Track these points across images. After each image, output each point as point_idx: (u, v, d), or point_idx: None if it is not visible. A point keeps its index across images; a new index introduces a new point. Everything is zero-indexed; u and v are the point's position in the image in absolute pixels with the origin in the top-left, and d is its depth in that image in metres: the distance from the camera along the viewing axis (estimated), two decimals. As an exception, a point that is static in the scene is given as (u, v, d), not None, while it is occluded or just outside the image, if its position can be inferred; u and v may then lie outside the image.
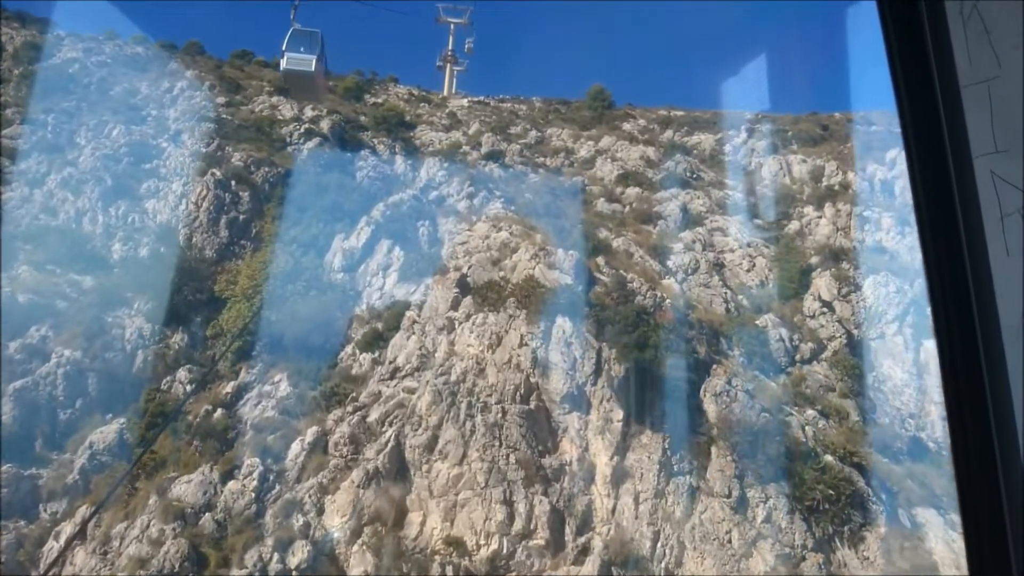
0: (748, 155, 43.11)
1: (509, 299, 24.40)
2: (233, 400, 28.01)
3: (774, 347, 27.87)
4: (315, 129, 42.94)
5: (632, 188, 38.17)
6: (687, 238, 33.11)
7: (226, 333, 30.00)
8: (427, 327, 26.09)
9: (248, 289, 30.70)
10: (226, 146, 39.85)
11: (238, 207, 36.16)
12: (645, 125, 48.78)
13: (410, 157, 42.17)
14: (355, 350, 28.57)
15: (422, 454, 22.19)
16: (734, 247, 33.10)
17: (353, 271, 31.97)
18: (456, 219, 32.41)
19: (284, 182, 38.08)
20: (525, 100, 57.70)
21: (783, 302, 30.34)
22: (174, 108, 44.47)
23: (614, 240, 31.37)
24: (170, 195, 36.87)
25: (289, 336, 29.27)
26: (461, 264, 29.33)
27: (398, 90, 58.64)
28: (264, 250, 32.78)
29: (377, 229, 32.81)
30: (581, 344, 22.76)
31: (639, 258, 30.34)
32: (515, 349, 23.09)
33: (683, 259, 31.05)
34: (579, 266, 25.48)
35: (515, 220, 30.74)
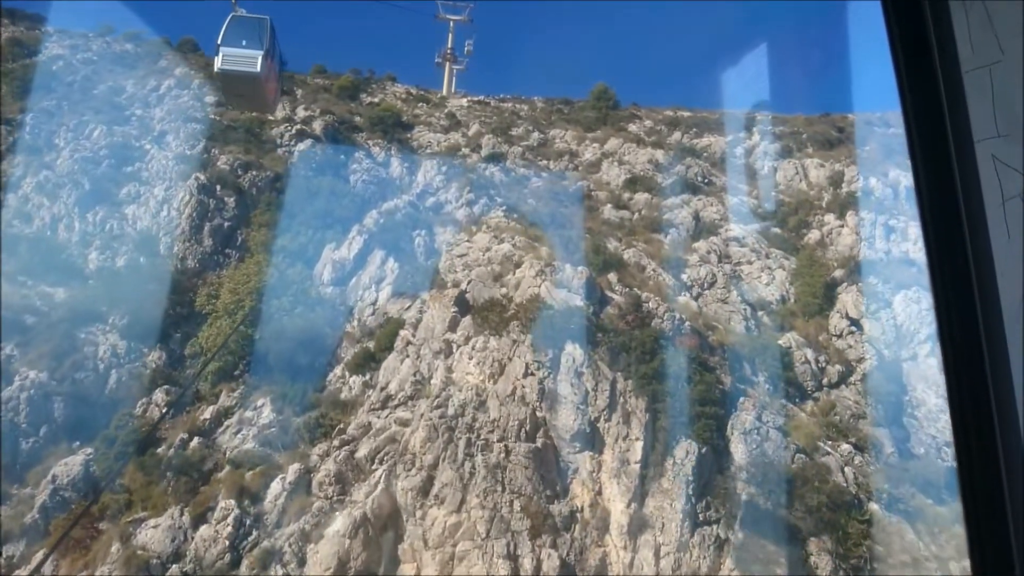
0: (761, 158, 40.21)
1: (512, 321, 21.54)
2: (212, 426, 25.17)
3: (799, 370, 25.05)
4: (307, 130, 39.96)
5: (641, 193, 35.29)
6: (701, 248, 30.25)
7: (206, 352, 27.11)
8: (422, 350, 23.23)
9: (230, 304, 27.80)
10: (212, 148, 36.90)
11: (223, 214, 33.23)
12: (652, 126, 45.85)
13: (406, 160, 39.23)
14: (345, 372, 25.71)
15: (416, 498, 19.34)
16: (751, 258, 30.24)
17: (343, 284, 29.09)
18: (454, 228, 29.53)
19: (272, 186, 35.15)
20: (526, 100, 54.73)
21: (807, 319, 27.50)
22: (160, 108, 41.48)
23: (624, 251, 28.52)
24: (151, 200, 33.95)
25: (274, 355, 26.41)
26: (460, 279, 26.47)
27: (396, 89, 55.64)
28: (249, 261, 29.87)
29: (370, 239, 29.91)
30: (593, 374, 19.91)
31: (652, 272, 27.48)
32: (519, 379, 20.25)
33: (699, 272, 28.19)
34: (589, 284, 22.62)
35: (518, 230, 27.85)
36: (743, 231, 32.28)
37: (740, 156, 40.96)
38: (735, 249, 30.76)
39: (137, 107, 41.45)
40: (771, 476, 18.14)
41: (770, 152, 40.26)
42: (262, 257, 30.48)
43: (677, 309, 24.15)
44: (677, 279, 27.98)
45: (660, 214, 33.38)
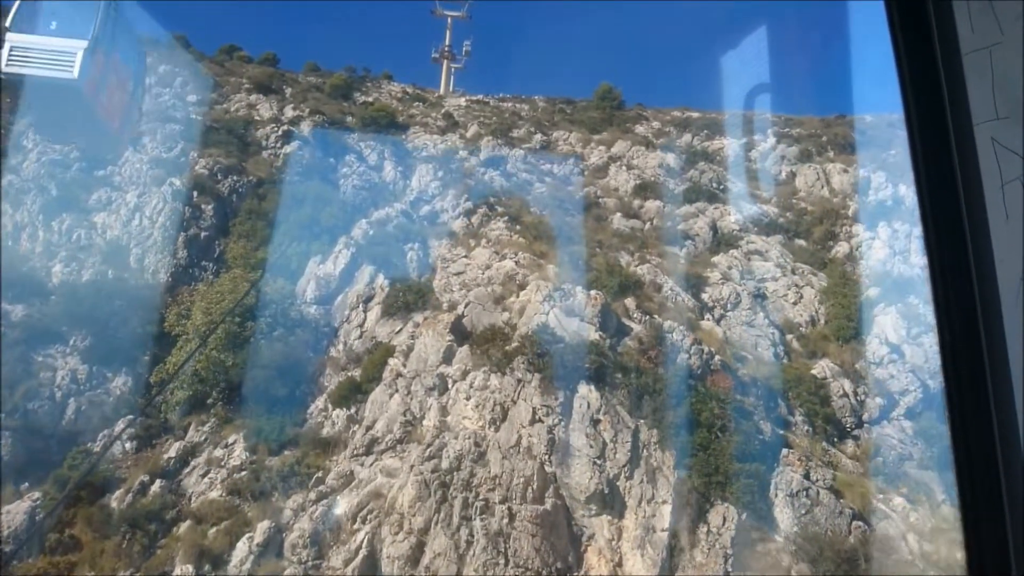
0: (777, 163, 36.79)
1: (517, 356, 18.11)
2: (177, 467, 21.73)
3: (837, 404, 21.71)
4: (294, 131, 36.45)
5: (652, 201, 31.87)
6: (721, 264, 26.84)
7: (174, 379, 23.66)
8: (413, 385, 19.82)
9: (202, 325, 24.33)
10: (191, 151, 33.36)
11: (199, 223, 29.76)
12: (660, 128, 42.37)
13: (400, 163, 35.74)
14: (327, 404, 22.29)
15: (403, 568, 15.95)
16: (776, 274, 26.85)
17: (328, 303, 25.64)
18: (451, 241, 26.08)
19: (255, 193, 31.68)
20: (527, 99, 51.21)
21: (841, 344, 24.12)
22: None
23: (638, 267, 25.10)
24: (123, 208, 30.44)
25: (250, 384, 23.01)
26: (456, 300, 23.05)
27: (391, 88, 52.09)
28: (224, 277, 26.36)
29: (358, 252, 26.46)
30: (612, 422, 16.51)
31: (670, 291, 24.07)
32: (525, 427, 16.85)
33: (721, 292, 24.78)
34: (605, 312, 19.19)
35: (521, 244, 24.43)
36: (765, 243, 28.88)
37: (755, 160, 37.53)
38: (758, 264, 27.36)
39: (114, 106, 37.83)
40: (826, 551, 14.75)
41: (788, 156, 36.84)
42: (239, 272, 27.01)
43: (702, 338, 20.76)
44: (697, 299, 24.59)
45: (674, 224, 29.98)
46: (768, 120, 42.68)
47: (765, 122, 42.17)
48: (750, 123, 41.88)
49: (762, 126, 41.39)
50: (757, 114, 44.14)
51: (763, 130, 40.33)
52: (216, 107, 39.18)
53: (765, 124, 41.69)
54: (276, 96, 41.70)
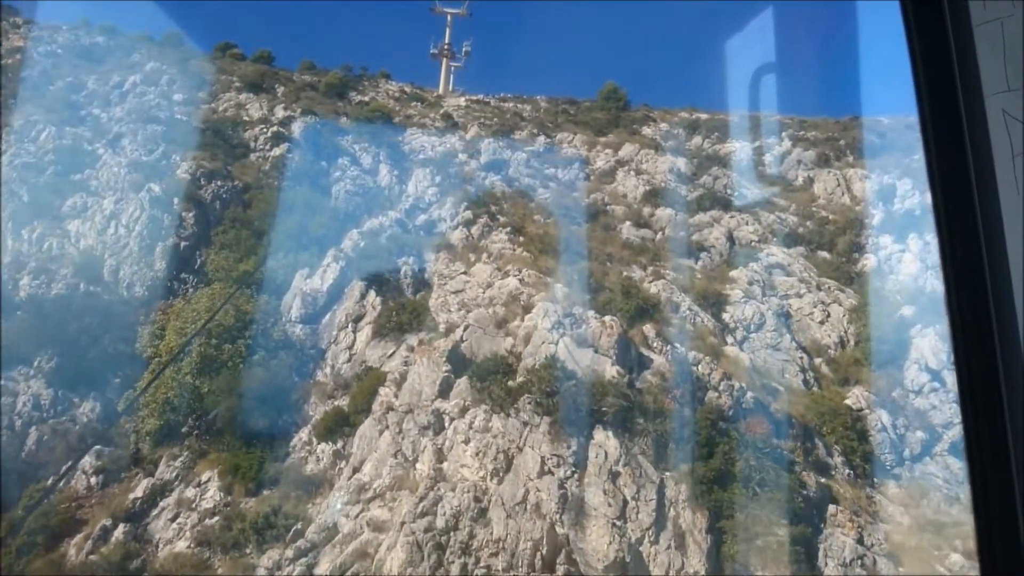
0: (794, 167, 34.19)
1: (523, 395, 15.52)
2: (144, 508, 19.17)
3: (876, 440, 19.19)
4: (284, 133, 33.82)
5: (663, 209, 29.27)
6: (741, 279, 24.26)
7: (142, 408, 21.06)
8: (406, 422, 17.24)
9: (175, 347, 21.72)
10: (173, 153, 30.71)
11: (179, 231, 27.12)
12: (668, 130, 39.74)
13: (396, 167, 33.12)
14: (312, 437, 19.73)
15: (391, 647, 13.43)
16: (800, 290, 24.27)
17: (315, 322, 23.04)
18: (449, 255, 23.45)
19: (240, 199, 29.03)
20: (529, 99, 48.58)
21: (874, 369, 21.57)
22: (121, 106, 35.26)
23: (652, 283, 22.54)
24: (99, 215, 27.79)
25: (227, 413, 20.42)
26: (454, 321, 20.46)
27: (389, 87, 49.46)
28: (201, 293, 23.74)
29: (348, 266, 23.85)
30: (634, 476, 13.93)
31: (688, 312, 21.50)
32: (533, 480, 14.28)
33: (743, 311, 22.21)
34: (622, 343, 16.60)
35: (525, 260, 21.83)
36: (786, 256, 26.30)
37: (770, 164, 34.92)
38: (780, 279, 24.79)
39: (95, 106, 35.22)
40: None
41: (804, 160, 34.23)
42: (217, 287, 24.38)
43: (731, 370, 18.19)
44: (718, 319, 22.03)
45: (688, 234, 27.38)
46: (780, 122, 40.10)
47: (777, 124, 39.58)
48: (762, 125, 39.28)
49: (775, 128, 38.79)
50: (768, 116, 41.55)
51: (776, 132, 37.73)
52: (203, 107, 36.53)
53: (778, 126, 39.09)
54: (267, 95, 39.05)
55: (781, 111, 42.12)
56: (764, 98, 48.28)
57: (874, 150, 33.13)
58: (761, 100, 43.69)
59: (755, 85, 47.53)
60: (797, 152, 34.77)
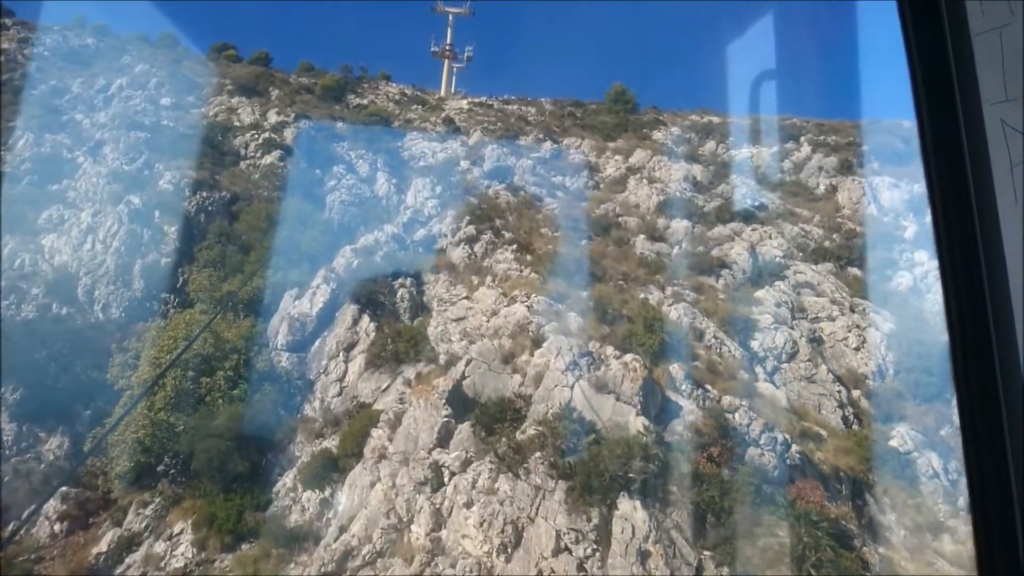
0: (815, 174, 31.71)
1: (534, 452, 13.10)
2: (108, 564, 16.83)
3: (927, 489, 16.76)
4: (276, 139, 31.37)
5: (679, 221, 26.80)
6: (768, 300, 21.81)
7: (111, 447, 18.68)
8: (400, 475, 14.84)
9: (149, 379, 19.33)
10: (157, 162, 28.30)
11: (160, 247, 24.72)
12: (680, 134, 37.23)
13: (395, 175, 30.69)
14: (297, 483, 17.34)
15: None
16: (832, 312, 21.82)
17: (303, 350, 20.63)
18: (449, 277, 21.01)
19: (226, 211, 26.61)
20: (533, 101, 46.11)
21: (919, 403, 19.12)
22: (105, 111, 32.85)
23: (672, 305, 20.12)
24: (75, 229, 25.40)
25: (204, 455, 18.01)
26: (456, 353, 18.05)
27: (389, 89, 47.03)
28: (178, 317, 21.32)
29: (339, 288, 21.43)
30: (666, 555, 11.52)
31: (714, 340, 19.08)
32: (547, 558, 11.87)
33: (773, 338, 19.77)
34: (647, 386, 14.15)
35: (533, 284, 19.38)
36: (814, 273, 23.83)
37: (789, 171, 32.42)
38: (809, 299, 22.33)
39: (78, 111, 32.80)
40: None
41: (826, 167, 31.73)
42: (198, 310, 22.01)
43: (765, 409, 15.76)
44: (745, 347, 19.59)
45: (707, 249, 24.92)
46: (795, 125, 37.62)
47: (793, 128, 37.09)
48: (778, 129, 36.74)
49: (791, 132, 36.28)
50: (783, 119, 39.05)
51: (793, 137, 35.22)
52: (193, 111, 34.13)
53: (794, 130, 36.60)
54: (260, 99, 36.62)
55: (796, 113, 39.67)
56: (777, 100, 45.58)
57: (900, 156, 30.59)
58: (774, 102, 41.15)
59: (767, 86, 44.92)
60: (817, 158, 32.28)
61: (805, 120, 38.81)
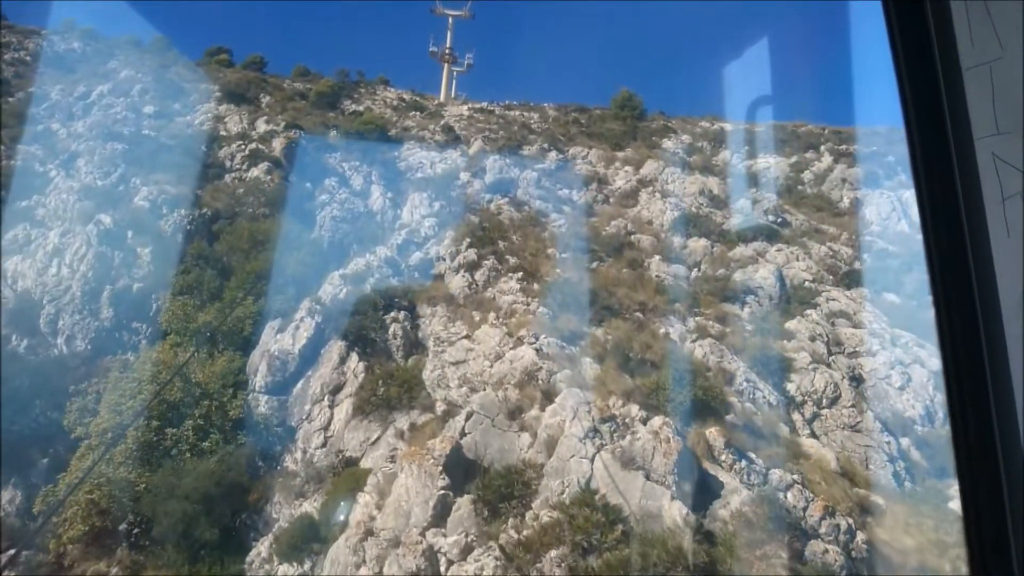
0: (838, 186, 29.07)
1: (549, 548, 10.49)
2: (55, 652, 14.30)
3: (998, 562, 14.10)
4: (264, 150, 28.69)
5: (697, 240, 24.20)
6: (801, 332, 19.20)
7: (65, 508, 16.07)
8: (388, 562, 12.23)
9: (108, 428, 16.71)
10: (133, 176, 25.65)
11: (132, 272, 22.08)
12: (691, 142, 34.57)
13: (391, 188, 28.06)
14: (272, 554, 14.76)
15: None
16: (872, 346, 19.21)
17: (284, 392, 18.00)
18: (448, 310, 18.36)
19: (207, 231, 23.97)
20: (536, 107, 43.42)
21: (978, 455, 16.47)
22: (84, 120, 30.16)
23: (696, 343, 17.53)
24: (41, 251, 22.77)
25: (168, 519, 15.42)
26: (454, 402, 15.45)
27: (387, 94, 44.33)
28: (144, 355, 18.70)
29: (325, 322, 18.80)
30: None
31: (746, 383, 16.47)
32: None
33: (813, 381, 17.15)
34: (683, 459, 11.56)
35: (543, 322, 16.77)
36: (848, 300, 21.22)
37: (810, 183, 29.78)
38: (846, 331, 19.72)
39: (55, 120, 30.11)
40: None
41: (849, 179, 29.09)
42: (168, 345, 19.39)
43: (814, 476, 13.17)
44: (781, 391, 16.97)
45: (729, 272, 22.31)
46: (814, 132, 34.95)
47: (811, 135, 34.43)
48: (795, 137, 34.08)
49: (809, 140, 33.62)
50: (797, 125, 36.41)
51: (813, 145, 32.57)
52: (177, 120, 31.44)
53: (812, 137, 33.95)
54: (250, 106, 33.95)
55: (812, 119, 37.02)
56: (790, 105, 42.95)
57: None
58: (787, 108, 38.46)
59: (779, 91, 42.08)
60: (840, 169, 29.64)
61: (821, 127, 36.18)
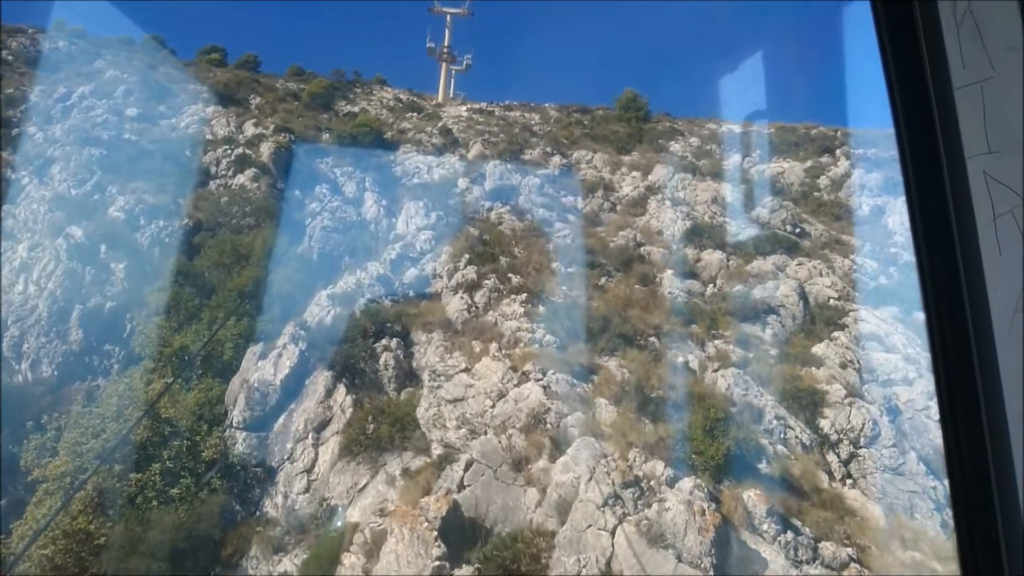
0: (857, 193, 27.11)
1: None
2: None
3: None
4: (251, 155, 26.65)
5: (711, 252, 22.23)
6: (830, 358, 17.26)
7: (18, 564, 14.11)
8: (374, 649, 10.30)
9: (71, 471, 14.74)
10: (109, 184, 23.62)
11: (103, 290, 20.09)
12: (699, 145, 32.57)
13: (385, 195, 26.06)
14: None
15: None
16: (907, 373, 17.27)
17: (264, 428, 16.03)
18: (444, 338, 16.38)
19: (186, 244, 21.97)
20: (537, 107, 41.39)
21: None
22: (63, 123, 28.07)
23: (718, 372, 15.60)
24: (7, 266, 20.76)
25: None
26: (452, 444, 13.51)
27: (383, 94, 42.27)
28: (112, 390, 16.69)
29: (310, 349, 16.82)
30: None
31: (776, 421, 14.54)
32: None
33: (849, 418, 15.22)
34: (721, 538, 9.64)
35: (550, 353, 14.79)
36: (878, 321, 19.27)
37: (826, 190, 27.80)
38: (878, 356, 17.77)
39: (33, 123, 28.01)
40: None
41: (869, 185, 27.11)
42: (147, 368, 17.43)
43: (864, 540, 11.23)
44: (813, 429, 15.04)
45: (747, 288, 20.35)
46: (827, 135, 32.95)
47: (824, 137, 32.43)
48: (807, 139, 32.08)
49: (823, 143, 31.63)
50: (808, 127, 34.41)
51: (828, 149, 30.57)
52: (162, 123, 29.37)
53: (826, 140, 31.95)
54: (238, 108, 31.86)
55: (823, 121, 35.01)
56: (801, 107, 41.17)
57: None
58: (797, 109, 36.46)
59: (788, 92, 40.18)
60: (858, 174, 27.66)
61: (833, 128, 34.18)
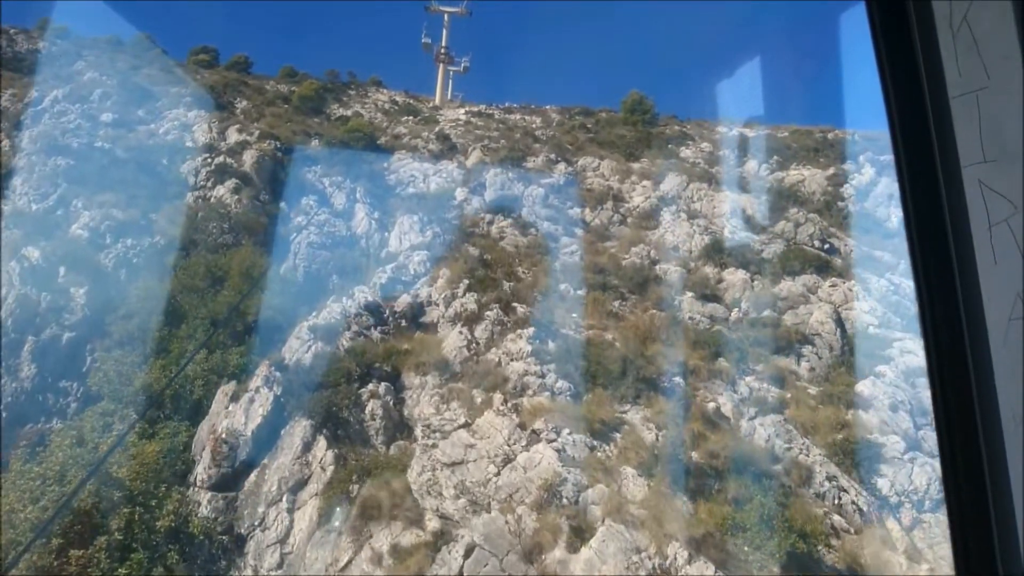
0: (884, 204, 24.74)
1: None
2: None
3: None
4: (232, 165, 24.17)
5: (733, 272, 19.84)
6: (879, 399, 14.89)
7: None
8: None
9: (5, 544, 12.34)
10: (75, 198, 21.16)
11: (62, 318, 17.64)
12: (711, 151, 30.14)
13: (377, 207, 23.62)
14: None
15: None
16: (964, 415, 14.86)
17: (233, 488, 13.60)
18: (440, 384, 13.96)
19: (156, 265, 19.51)
20: (538, 109, 38.88)
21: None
22: (31, 130, 25.51)
23: (758, 422, 13.23)
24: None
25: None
26: (449, 517, 11.12)
27: (378, 96, 39.70)
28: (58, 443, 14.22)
29: (288, 392, 14.40)
30: None
31: (828, 484, 12.17)
32: None
33: (911, 477, 12.87)
34: None
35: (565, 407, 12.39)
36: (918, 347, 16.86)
37: (851, 200, 25.39)
38: (928, 393, 15.33)
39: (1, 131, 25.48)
40: None
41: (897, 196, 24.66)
42: (103, 410, 15.03)
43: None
44: (870, 488, 12.68)
45: (776, 313, 17.98)
46: (844, 139, 30.53)
47: (844, 142, 30.00)
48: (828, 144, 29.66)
49: (844, 148, 29.20)
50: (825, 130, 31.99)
51: (851, 155, 28.15)
52: (138, 129, 26.84)
53: (846, 145, 29.52)
54: (222, 113, 29.35)
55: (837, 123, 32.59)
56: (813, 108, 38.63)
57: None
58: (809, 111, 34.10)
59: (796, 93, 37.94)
60: (884, 183, 25.26)
61: (850, 132, 31.79)
